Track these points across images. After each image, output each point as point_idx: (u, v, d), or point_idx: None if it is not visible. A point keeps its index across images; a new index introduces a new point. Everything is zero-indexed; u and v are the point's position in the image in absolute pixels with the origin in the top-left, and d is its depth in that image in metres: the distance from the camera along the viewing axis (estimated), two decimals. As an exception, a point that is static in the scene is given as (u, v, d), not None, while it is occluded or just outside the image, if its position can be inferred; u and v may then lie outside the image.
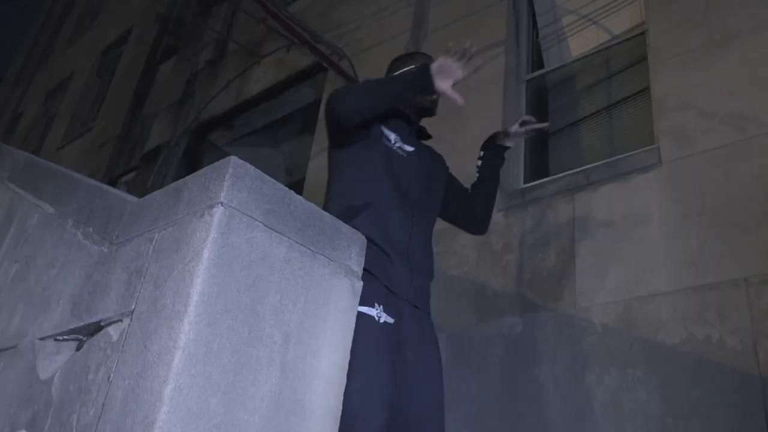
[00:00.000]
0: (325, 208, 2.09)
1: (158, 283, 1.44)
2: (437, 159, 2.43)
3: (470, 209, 2.48)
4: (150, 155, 7.83)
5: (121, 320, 1.50)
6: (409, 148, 2.24)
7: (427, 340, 2.04)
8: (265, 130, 7.15)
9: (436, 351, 2.06)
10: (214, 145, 7.45)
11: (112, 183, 8.65)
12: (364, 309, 1.83)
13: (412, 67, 2.33)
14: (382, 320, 1.88)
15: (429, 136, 2.43)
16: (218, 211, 1.41)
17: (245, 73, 7.07)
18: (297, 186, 5.94)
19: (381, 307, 1.90)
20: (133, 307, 1.48)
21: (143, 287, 1.48)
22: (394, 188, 2.12)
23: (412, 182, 2.17)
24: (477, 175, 2.51)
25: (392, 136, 2.20)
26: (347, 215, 2.01)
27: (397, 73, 2.36)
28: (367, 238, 1.87)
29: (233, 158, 1.49)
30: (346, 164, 2.17)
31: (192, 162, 7.30)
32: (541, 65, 4.77)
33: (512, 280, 3.72)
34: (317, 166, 5.44)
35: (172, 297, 1.38)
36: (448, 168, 2.48)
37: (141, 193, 7.10)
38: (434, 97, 2.31)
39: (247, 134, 7.25)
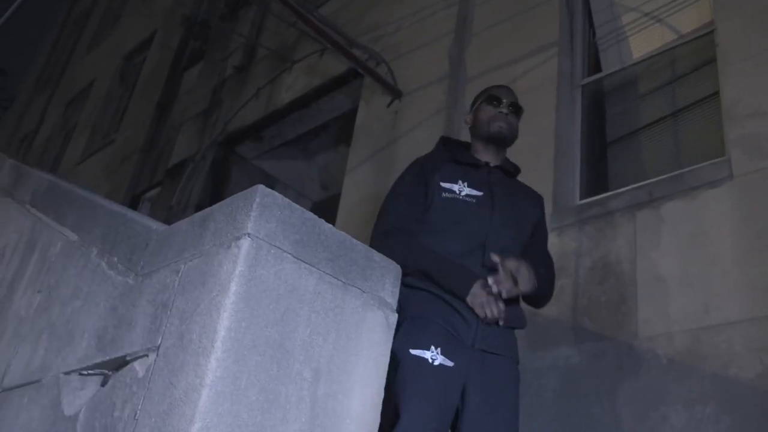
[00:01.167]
0: None
1: (184, 317, 1.54)
2: (527, 196, 2.51)
3: None
4: (175, 169, 8.04)
5: (147, 355, 1.61)
6: (478, 193, 2.32)
7: (497, 384, 2.14)
8: (298, 142, 7.27)
9: (510, 396, 2.16)
10: (242, 158, 7.61)
11: (135, 200, 8.91)
12: (417, 352, 1.99)
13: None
14: (437, 362, 2.00)
15: (515, 171, 2.51)
16: (245, 243, 1.51)
17: (275, 80, 7.22)
18: (333, 202, 6.06)
19: (438, 349, 2.02)
20: (159, 341, 1.58)
21: (169, 321, 1.59)
22: (462, 236, 2.22)
23: (488, 227, 2.26)
24: None
25: (456, 187, 2.30)
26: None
27: (445, 266, 2.23)
28: (424, 289, 2.03)
29: (260, 187, 1.59)
30: None
31: (219, 177, 7.48)
32: (598, 68, 4.77)
33: (567, 306, 3.73)
34: (354, 181, 5.52)
35: (198, 332, 1.47)
36: (540, 210, 2.54)
37: (165, 211, 7.33)
38: (502, 119, 2.45)
39: (277, 146, 7.39)
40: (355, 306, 1.70)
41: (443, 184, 2.29)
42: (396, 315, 1.81)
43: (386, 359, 1.75)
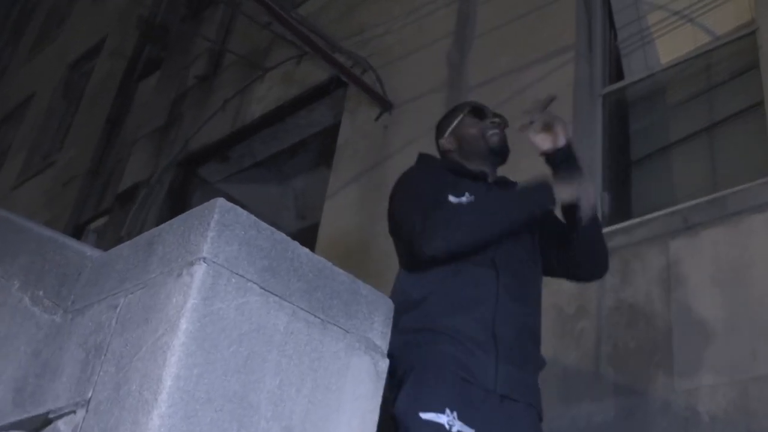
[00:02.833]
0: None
1: (122, 364, 1.46)
2: None
3: (572, 254, 2.43)
4: (126, 195, 8.02)
5: (74, 412, 1.52)
6: None
7: None
8: (271, 162, 7.29)
9: None
10: (205, 182, 7.62)
11: (79, 230, 8.84)
12: (429, 416, 1.90)
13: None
14: (455, 429, 1.92)
15: (512, 183, 2.47)
16: (200, 270, 1.44)
17: (245, 90, 7.24)
18: (311, 232, 6.01)
19: (455, 413, 1.94)
20: (89, 394, 1.50)
21: (103, 369, 1.51)
22: (473, 262, 2.19)
23: (497, 249, 2.24)
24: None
25: (463, 199, 2.28)
26: (409, 301, 2.12)
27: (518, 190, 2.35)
28: (431, 325, 2.02)
29: (220, 201, 1.52)
30: None
31: (178, 203, 7.44)
32: (620, 76, 4.81)
33: (588, 354, 3.70)
34: (335, 207, 5.49)
35: (139, 382, 1.40)
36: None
37: (114, 243, 7.22)
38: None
39: (247, 167, 7.40)
40: (337, 349, 1.63)
41: (453, 200, 2.27)
42: (387, 360, 1.74)
43: (375, 416, 1.67)
